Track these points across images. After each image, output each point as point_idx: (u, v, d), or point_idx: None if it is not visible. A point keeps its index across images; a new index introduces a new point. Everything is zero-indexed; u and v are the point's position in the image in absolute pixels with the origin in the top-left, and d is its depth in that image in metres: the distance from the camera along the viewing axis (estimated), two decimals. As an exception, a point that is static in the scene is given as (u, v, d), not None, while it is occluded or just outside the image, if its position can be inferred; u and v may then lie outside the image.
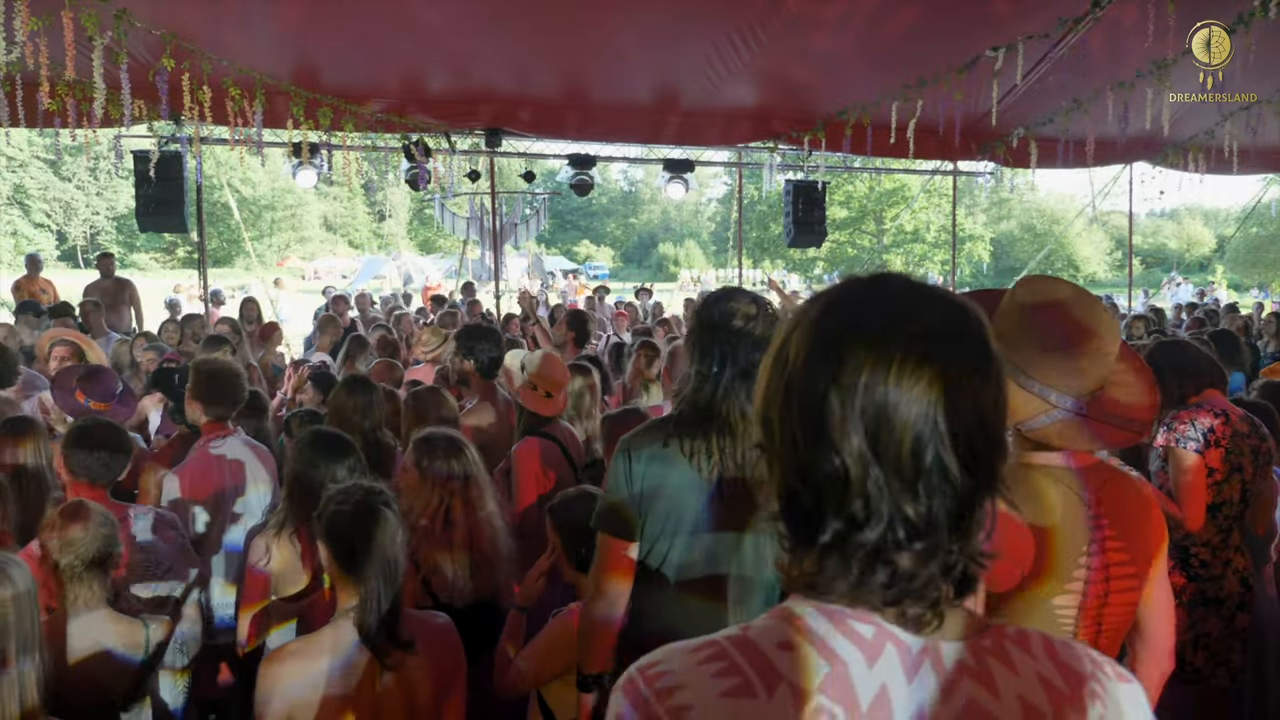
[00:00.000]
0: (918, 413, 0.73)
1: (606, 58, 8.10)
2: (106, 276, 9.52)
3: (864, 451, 0.73)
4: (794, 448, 0.77)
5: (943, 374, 0.74)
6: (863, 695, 0.75)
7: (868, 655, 0.76)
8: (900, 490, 0.74)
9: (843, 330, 0.76)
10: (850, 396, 0.74)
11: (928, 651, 0.77)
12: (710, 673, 0.77)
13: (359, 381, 3.62)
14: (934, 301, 0.78)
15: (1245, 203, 29.46)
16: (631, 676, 0.80)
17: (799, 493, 0.77)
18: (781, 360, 0.79)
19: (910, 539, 0.74)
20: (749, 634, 0.79)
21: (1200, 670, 2.93)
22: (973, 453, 0.75)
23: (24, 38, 5.49)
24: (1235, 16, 6.41)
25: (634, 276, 45.34)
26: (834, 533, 0.75)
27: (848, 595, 0.77)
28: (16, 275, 10.11)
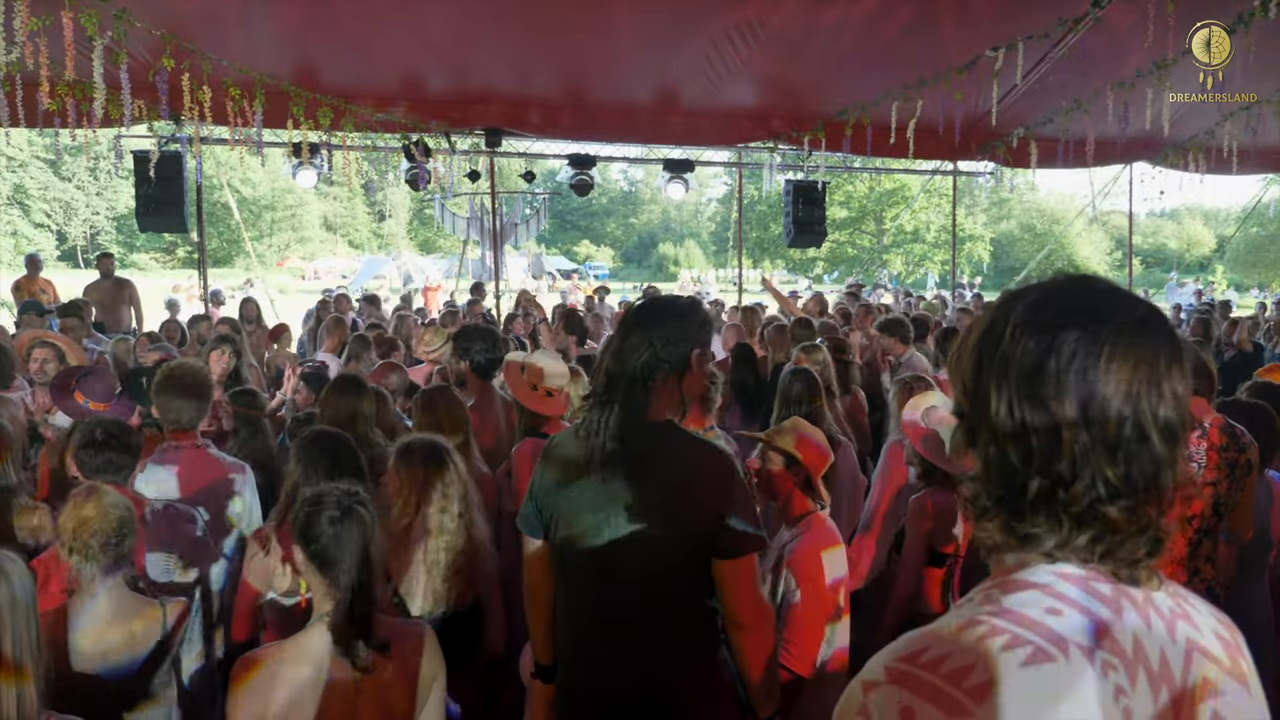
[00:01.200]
0: (1123, 390, 0.84)
1: (606, 58, 8.10)
2: (106, 276, 9.51)
3: (1075, 418, 0.83)
4: (1009, 414, 0.86)
5: (1144, 359, 0.85)
6: (1125, 644, 0.83)
7: (1114, 610, 0.84)
8: (1103, 454, 0.83)
9: (1061, 317, 0.87)
10: (1067, 370, 0.84)
11: (1149, 601, 0.87)
12: (997, 646, 0.81)
13: (350, 382, 3.61)
14: (1136, 301, 0.90)
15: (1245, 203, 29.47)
16: (896, 667, 0.83)
17: (1008, 453, 0.86)
18: (995, 339, 0.89)
19: (1112, 497, 0.83)
20: (1008, 605, 0.85)
21: None
22: (1167, 428, 0.85)
23: (24, 38, 5.49)
24: (1235, 16, 6.41)
25: (634, 276, 45.36)
26: (1039, 489, 0.85)
27: (1057, 550, 0.85)
28: (16, 275, 10.09)
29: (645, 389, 1.93)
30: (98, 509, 2.30)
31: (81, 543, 2.27)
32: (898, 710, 0.80)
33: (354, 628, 1.91)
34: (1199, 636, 0.88)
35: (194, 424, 3.20)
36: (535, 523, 2.08)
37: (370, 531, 2.01)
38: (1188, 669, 0.85)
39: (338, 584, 1.93)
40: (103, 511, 2.31)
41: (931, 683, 0.80)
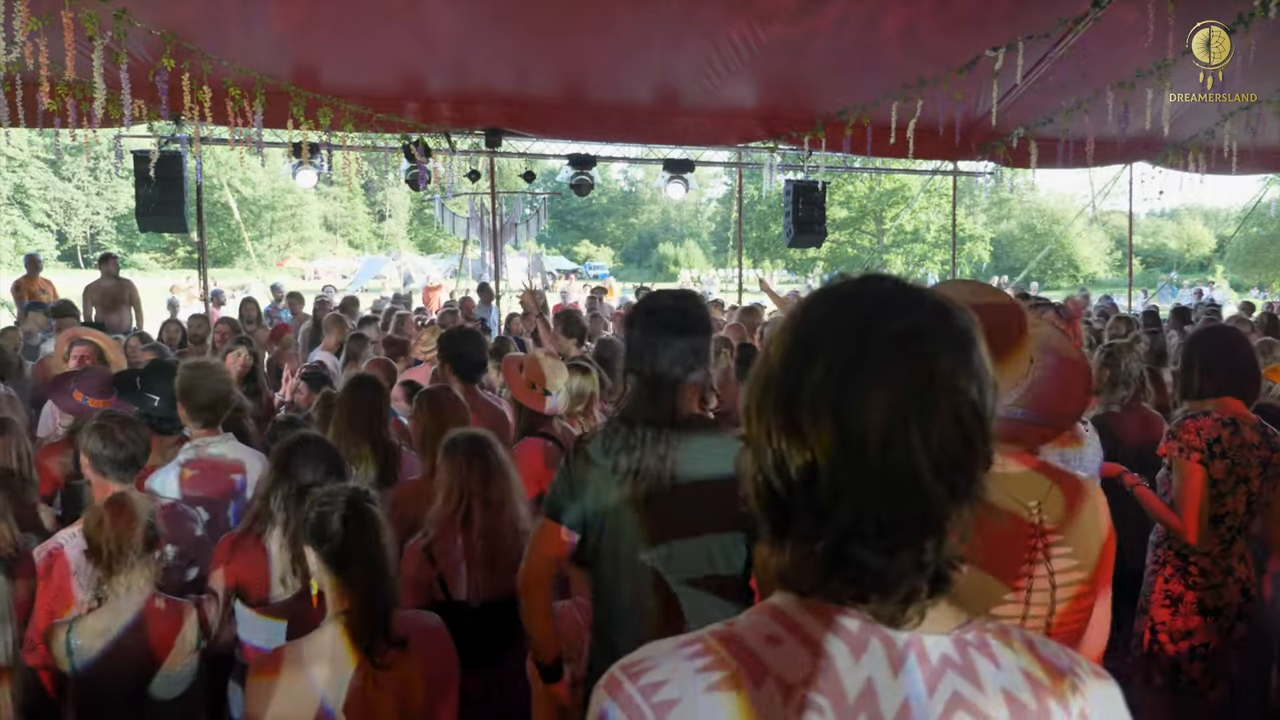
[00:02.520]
0: (888, 413, 0.73)
1: (606, 58, 8.11)
2: (108, 277, 9.52)
3: (832, 446, 0.74)
4: (769, 439, 0.78)
5: (918, 375, 0.74)
6: (849, 688, 0.76)
7: (853, 649, 0.77)
8: (867, 487, 0.74)
9: (821, 327, 0.79)
10: (824, 391, 0.75)
11: (913, 645, 0.78)
12: (696, 668, 0.77)
13: (366, 382, 3.60)
14: (920, 303, 0.79)
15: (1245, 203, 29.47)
16: (614, 674, 0.80)
17: (774, 484, 0.78)
18: (765, 354, 0.82)
19: (877, 535, 0.75)
20: (734, 629, 0.80)
21: (1196, 681, 2.87)
22: (946, 458, 0.75)
23: (24, 38, 5.49)
24: (1235, 16, 6.41)
25: (634, 276, 45.35)
26: (803, 524, 0.77)
27: (820, 588, 0.78)
28: (16, 275, 10.10)
29: (678, 390, 2.02)
30: (134, 521, 2.34)
31: (120, 553, 2.31)
32: (599, 714, 0.79)
33: (371, 625, 1.93)
34: (973, 693, 0.77)
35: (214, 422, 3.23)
36: (575, 516, 2.06)
37: (382, 529, 2.03)
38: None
39: (353, 583, 1.95)
40: (139, 521, 2.35)
41: (628, 692, 0.78)
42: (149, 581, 2.39)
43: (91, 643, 2.29)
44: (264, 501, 2.57)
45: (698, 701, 0.76)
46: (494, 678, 2.63)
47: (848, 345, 0.76)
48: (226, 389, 3.27)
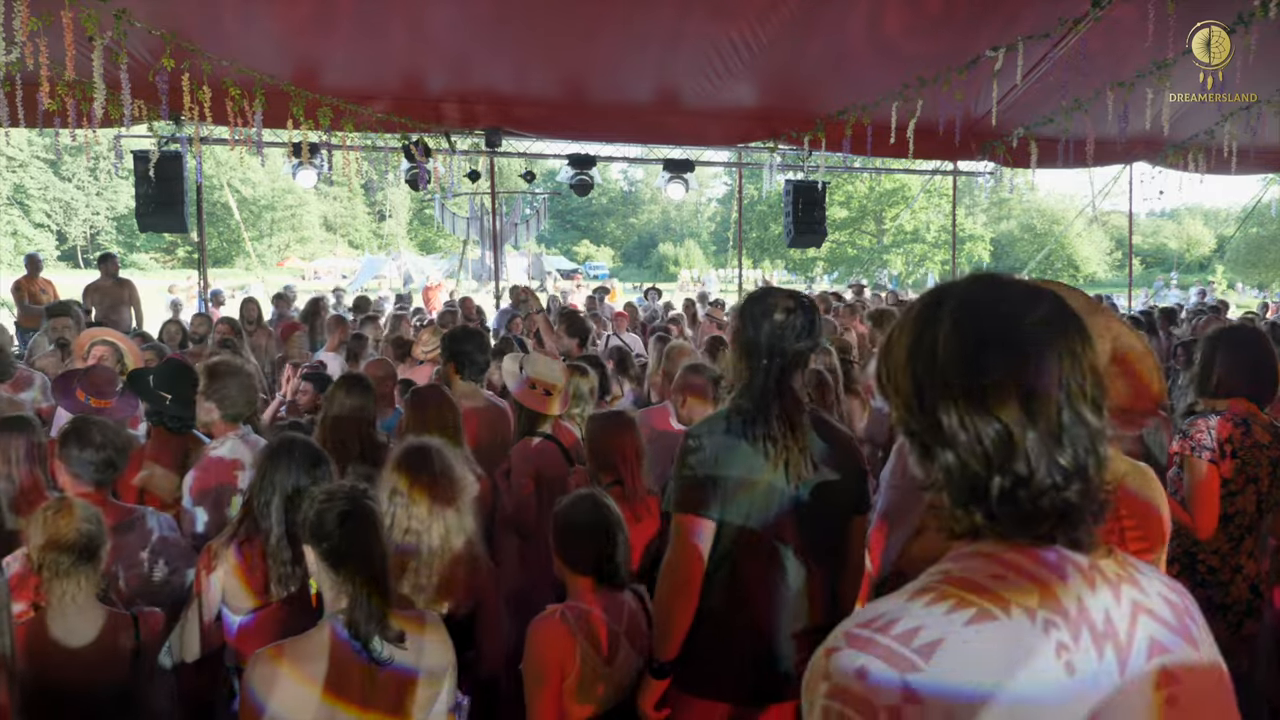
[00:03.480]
0: (1053, 383, 0.91)
1: (606, 58, 8.11)
2: (108, 277, 9.51)
3: (1021, 417, 0.90)
4: (962, 428, 0.92)
5: (1063, 350, 0.93)
6: (1069, 608, 0.90)
7: (1058, 575, 0.91)
8: (1052, 444, 0.91)
9: (981, 330, 0.94)
10: (1002, 379, 0.91)
11: (1095, 568, 0.94)
12: (943, 610, 0.89)
13: (356, 381, 3.61)
14: (1039, 293, 0.97)
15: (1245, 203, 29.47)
16: (855, 633, 0.90)
17: (969, 463, 0.92)
18: (927, 360, 0.96)
19: (1068, 481, 0.91)
20: (959, 574, 0.93)
21: None
22: (1094, 401, 0.94)
23: (24, 38, 5.49)
24: (1235, 16, 6.42)
25: (634, 276, 45.35)
26: (1002, 488, 0.91)
27: (1028, 535, 0.92)
28: (16, 275, 10.09)
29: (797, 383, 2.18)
30: (69, 525, 2.27)
31: (52, 559, 2.24)
32: (854, 671, 0.87)
33: (371, 622, 1.93)
34: (1145, 599, 0.94)
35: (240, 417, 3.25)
36: (714, 506, 2.10)
37: (380, 527, 2.03)
38: (1133, 628, 0.92)
39: (352, 580, 1.95)
40: (74, 527, 2.27)
41: (884, 644, 0.87)
42: (89, 590, 2.32)
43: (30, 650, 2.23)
44: (249, 505, 2.55)
45: (960, 636, 0.86)
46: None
47: (1010, 336, 0.93)
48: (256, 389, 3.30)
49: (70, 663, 2.25)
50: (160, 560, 2.79)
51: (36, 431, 3.10)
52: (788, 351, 2.13)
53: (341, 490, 2.06)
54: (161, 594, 2.74)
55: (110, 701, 2.32)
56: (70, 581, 2.27)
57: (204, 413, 3.27)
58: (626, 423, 3.15)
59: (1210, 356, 2.98)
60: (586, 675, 2.19)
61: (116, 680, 2.32)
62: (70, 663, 2.25)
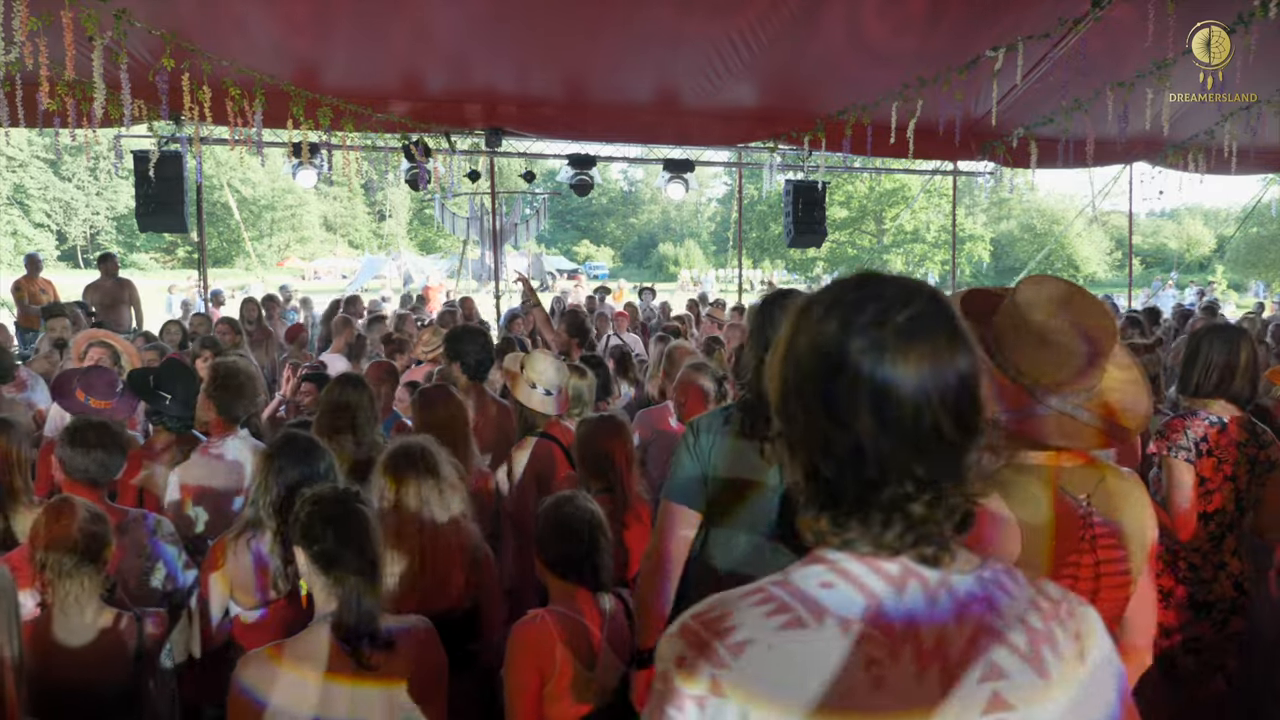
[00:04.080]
0: (912, 387, 0.88)
1: (606, 58, 8.10)
2: (108, 277, 9.51)
3: (873, 426, 0.88)
4: (814, 431, 0.91)
5: (927, 353, 0.89)
6: (896, 622, 0.89)
7: (896, 588, 0.90)
8: (907, 454, 0.88)
9: (842, 329, 0.91)
10: (856, 384, 0.89)
11: (944, 583, 0.91)
12: (763, 612, 0.90)
13: (351, 380, 3.60)
14: (914, 294, 0.93)
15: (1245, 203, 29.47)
16: (686, 623, 0.93)
17: (821, 467, 0.92)
18: (793, 359, 0.94)
19: (919, 491, 0.89)
20: (790, 578, 0.93)
21: (1193, 674, 2.91)
22: (959, 412, 0.90)
23: (24, 38, 5.49)
24: (1235, 16, 6.41)
25: (634, 276, 45.32)
26: (855, 496, 0.90)
27: (875, 544, 0.91)
28: (16, 275, 10.10)
29: None
30: (71, 525, 2.26)
31: (55, 559, 2.24)
32: (675, 658, 0.90)
33: (358, 627, 1.91)
34: (994, 620, 0.91)
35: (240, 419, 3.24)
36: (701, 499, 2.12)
37: (371, 530, 2.01)
38: (969, 650, 0.89)
39: (341, 584, 1.93)
40: (76, 527, 2.27)
41: (704, 637, 0.90)
42: (93, 590, 2.32)
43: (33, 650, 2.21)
44: (254, 504, 2.55)
45: (770, 639, 0.88)
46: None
47: (869, 340, 0.89)
48: (256, 389, 3.29)
49: (74, 662, 2.25)
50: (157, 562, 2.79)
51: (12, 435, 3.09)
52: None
53: (332, 492, 2.04)
54: (157, 596, 2.74)
55: (113, 701, 2.31)
56: (74, 582, 2.26)
57: (204, 411, 3.27)
58: (617, 427, 3.13)
59: (1193, 357, 3.02)
60: (567, 678, 2.17)
61: (120, 680, 2.32)
62: (74, 662, 2.25)
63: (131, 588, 2.68)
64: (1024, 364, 1.56)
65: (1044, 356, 1.54)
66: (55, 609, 2.27)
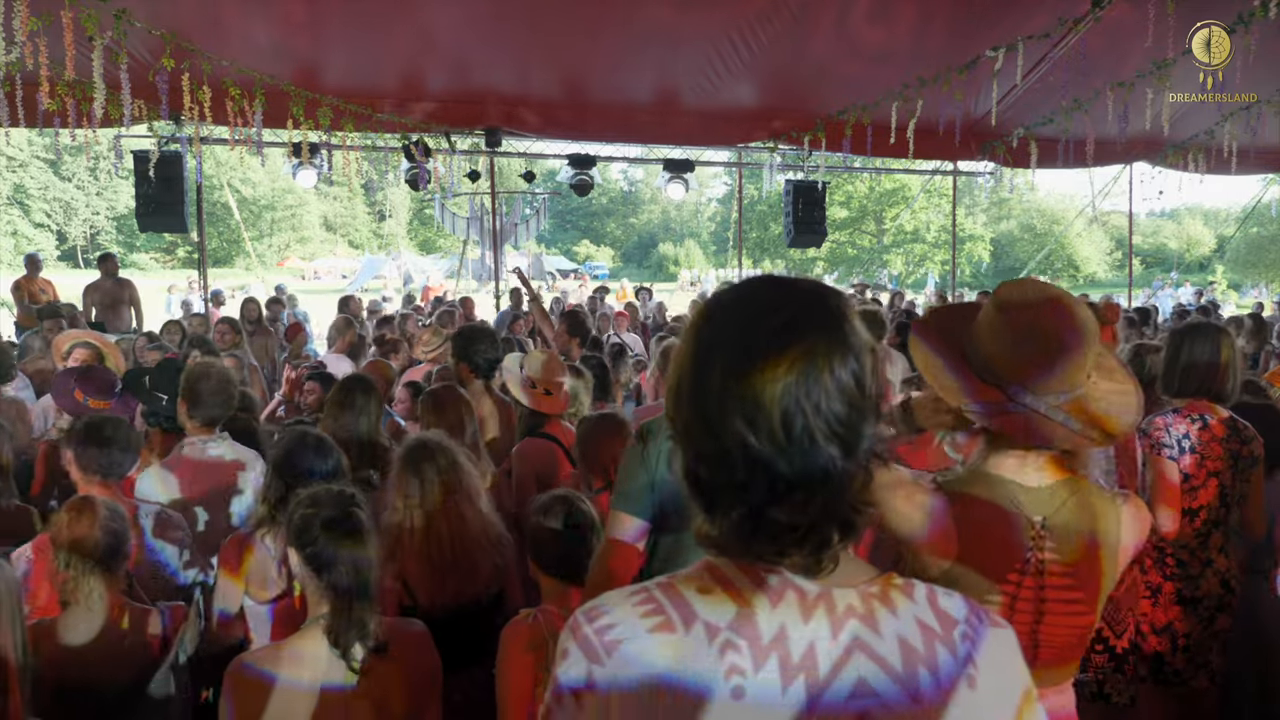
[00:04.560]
0: (781, 391, 0.86)
1: (607, 58, 8.11)
2: (108, 277, 9.52)
3: (741, 430, 0.87)
4: (688, 434, 0.92)
5: (800, 357, 0.87)
6: (765, 632, 0.89)
7: (771, 599, 0.90)
8: (774, 456, 0.86)
9: (714, 334, 0.92)
10: (727, 388, 0.88)
11: (823, 596, 0.91)
12: (640, 613, 0.92)
13: (357, 381, 3.60)
14: (793, 296, 0.92)
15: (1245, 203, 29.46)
16: (576, 618, 0.94)
17: (699, 472, 0.91)
18: (686, 360, 0.94)
19: (785, 495, 0.87)
20: (674, 581, 0.94)
21: (1180, 672, 2.92)
22: (832, 417, 0.87)
23: (24, 38, 5.49)
24: (1235, 16, 6.42)
25: (634, 276, 45.32)
26: (726, 500, 0.90)
27: (746, 550, 0.91)
28: (16, 275, 10.09)
29: None
30: (94, 522, 2.28)
31: (78, 557, 2.25)
32: (561, 650, 0.93)
33: (351, 630, 1.89)
34: (871, 638, 0.90)
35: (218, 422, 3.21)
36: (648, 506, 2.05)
37: (366, 533, 1.99)
38: (841, 665, 0.89)
39: (334, 587, 1.91)
40: (100, 524, 2.28)
41: (585, 632, 0.92)
42: (115, 586, 2.33)
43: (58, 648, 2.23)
44: (266, 501, 2.57)
45: (640, 640, 0.89)
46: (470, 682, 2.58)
47: (738, 344, 0.89)
48: (228, 391, 3.26)
49: (97, 659, 2.26)
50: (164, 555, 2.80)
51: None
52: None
53: (327, 494, 2.03)
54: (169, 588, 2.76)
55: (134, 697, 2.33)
56: (96, 579, 2.28)
57: (180, 414, 3.26)
58: (618, 425, 3.13)
59: (1174, 357, 3.04)
60: None
61: (144, 675, 2.33)
62: (97, 659, 2.26)
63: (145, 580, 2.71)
64: (993, 361, 1.55)
65: (1011, 352, 1.53)
66: (79, 607, 2.28)
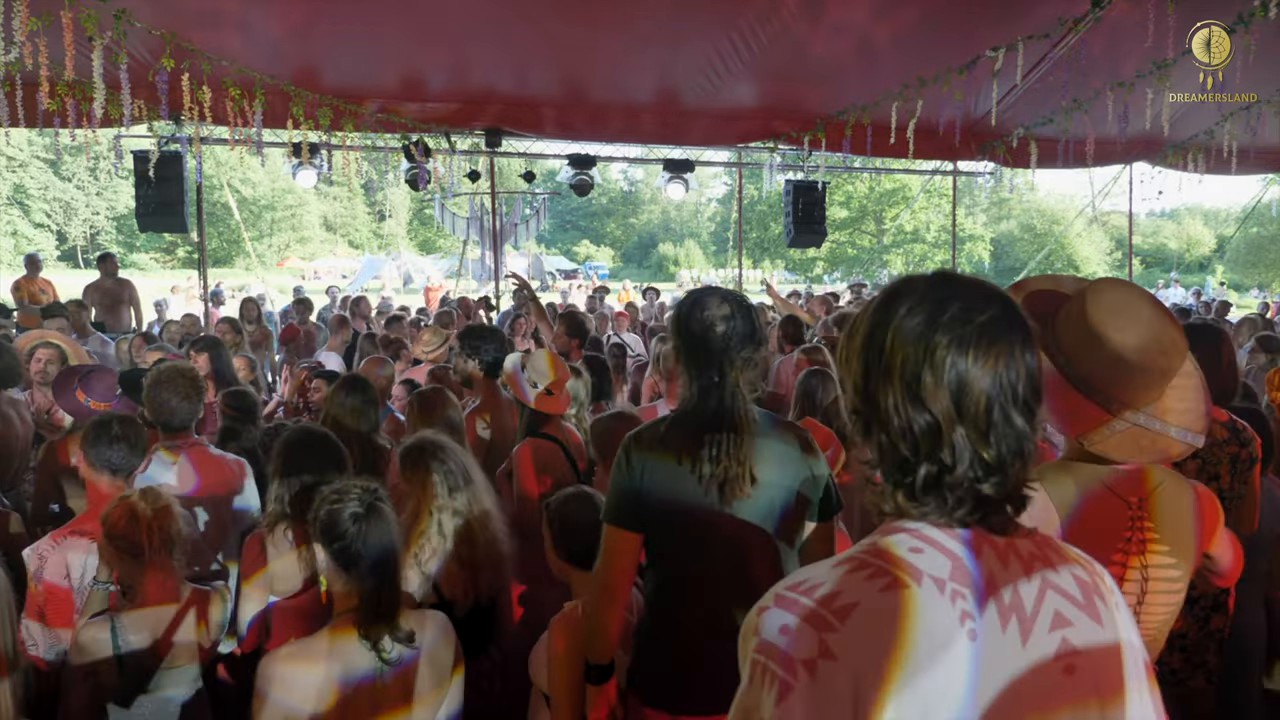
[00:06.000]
0: (988, 382, 0.98)
1: (607, 58, 8.10)
2: (108, 277, 9.52)
3: (951, 411, 0.98)
4: (896, 413, 1.00)
5: (1003, 352, 0.99)
6: (978, 579, 0.98)
7: (972, 551, 1.00)
8: (978, 439, 0.98)
9: (930, 325, 1.01)
10: (940, 373, 0.98)
11: (1010, 545, 1.02)
12: (862, 577, 0.97)
13: (355, 381, 3.61)
14: (992, 298, 1.03)
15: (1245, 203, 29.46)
16: (782, 594, 0.99)
17: (898, 446, 1.01)
18: (877, 348, 1.03)
19: (988, 475, 0.99)
20: (880, 547, 1.01)
21: (1177, 671, 2.93)
22: (1025, 404, 1.00)
23: (24, 38, 5.49)
24: (1235, 16, 6.41)
25: (634, 276, 45.31)
26: (927, 474, 0.99)
27: (944, 519, 1.00)
28: (16, 275, 10.10)
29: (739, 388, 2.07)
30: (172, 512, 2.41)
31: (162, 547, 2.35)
32: (779, 628, 0.95)
33: (380, 622, 1.93)
34: (1055, 576, 1.02)
35: (187, 424, 3.18)
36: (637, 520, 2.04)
37: (392, 526, 2.04)
38: (1040, 603, 0.99)
39: (362, 580, 1.95)
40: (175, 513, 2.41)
41: (806, 605, 0.95)
42: (180, 571, 2.45)
43: (139, 636, 2.34)
44: (278, 499, 2.63)
45: (873, 601, 0.95)
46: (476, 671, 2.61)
47: (954, 334, 0.99)
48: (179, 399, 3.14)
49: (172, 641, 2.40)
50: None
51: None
52: (732, 360, 2.02)
53: (353, 489, 2.06)
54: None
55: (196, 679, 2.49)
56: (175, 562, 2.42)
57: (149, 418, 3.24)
58: (632, 420, 3.15)
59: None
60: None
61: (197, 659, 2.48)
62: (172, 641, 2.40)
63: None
64: (1099, 381, 1.54)
65: (1126, 377, 1.52)
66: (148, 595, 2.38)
